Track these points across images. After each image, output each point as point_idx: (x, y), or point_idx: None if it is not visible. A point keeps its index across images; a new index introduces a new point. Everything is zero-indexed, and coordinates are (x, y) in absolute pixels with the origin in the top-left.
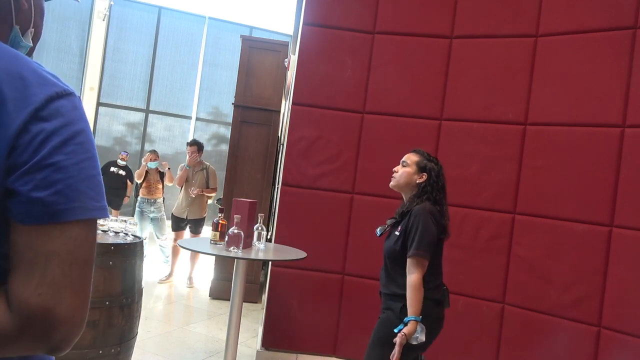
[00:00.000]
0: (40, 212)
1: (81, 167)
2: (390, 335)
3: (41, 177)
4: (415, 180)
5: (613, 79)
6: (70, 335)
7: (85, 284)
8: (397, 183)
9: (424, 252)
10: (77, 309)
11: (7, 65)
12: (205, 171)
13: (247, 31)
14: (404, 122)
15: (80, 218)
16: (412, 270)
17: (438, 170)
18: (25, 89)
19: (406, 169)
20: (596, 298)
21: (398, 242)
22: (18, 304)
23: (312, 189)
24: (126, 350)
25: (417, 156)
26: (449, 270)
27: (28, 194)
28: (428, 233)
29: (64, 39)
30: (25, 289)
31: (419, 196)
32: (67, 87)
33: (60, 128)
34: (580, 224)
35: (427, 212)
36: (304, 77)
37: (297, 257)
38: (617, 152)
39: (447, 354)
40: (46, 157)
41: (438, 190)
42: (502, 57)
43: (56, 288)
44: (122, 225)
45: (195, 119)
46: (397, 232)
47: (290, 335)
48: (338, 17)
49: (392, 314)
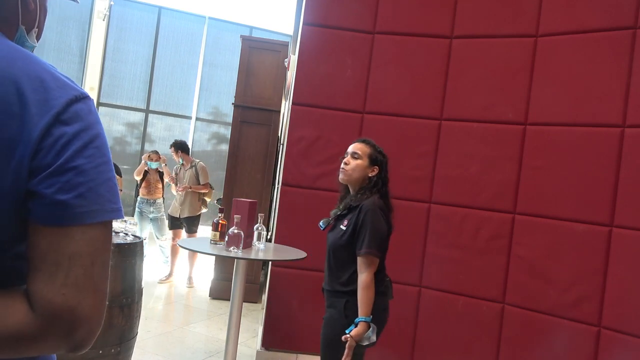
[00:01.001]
0: (64, 214)
1: (100, 170)
2: (336, 334)
3: (65, 180)
4: (368, 174)
5: (613, 79)
6: (91, 334)
7: (105, 283)
8: (350, 177)
9: (376, 250)
10: (98, 308)
11: (26, 68)
12: (194, 168)
13: (247, 31)
14: (404, 122)
15: (100, 220)
16: (363, 269)
17: (386, 162)
18: (46, 92)
19: (358, 162)
20: (596, 298)
21: (344, 236)
22: (42, 304)
23: (312, 189)
24: (126, 350)
25: (369, 148)
26: (449, 270)
27: (52, 196)
28: (379, 231)
29: (64, 39)
30: (49, 289)
31: (370, 190)
32: (83, 90)
33: (81, 132)
34: (580, 224)
35: (377, 208)
36: (304, 77)
37: (297, 257)
38: (617, 152)
39: (447, 354)
40: (69, 160)
41: (385, 184)
42: (502, 57)
43: (79, 288)
44: (122, 225)
45: (195, 119)
46: (343, 226)
47: (290, 335)
48: (338, 17)
49: (336, 312)
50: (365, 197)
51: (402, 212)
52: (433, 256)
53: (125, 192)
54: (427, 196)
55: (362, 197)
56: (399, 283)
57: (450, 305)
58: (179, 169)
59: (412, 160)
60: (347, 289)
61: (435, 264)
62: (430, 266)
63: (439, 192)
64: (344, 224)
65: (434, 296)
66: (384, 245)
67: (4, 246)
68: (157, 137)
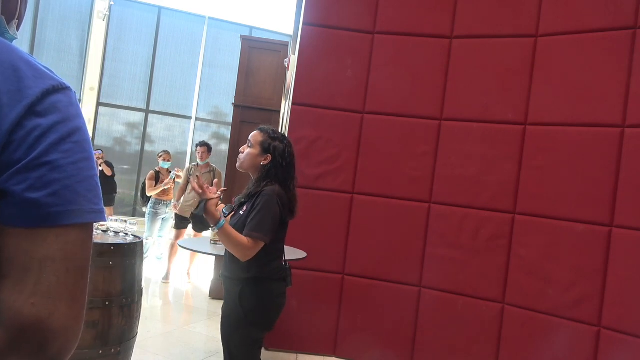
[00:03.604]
0: (35, 214)
1: (78, 167)
2: (235, 315)
3: (36, 176)
4: (260, 162)
5: (613, 79)
6: (66, 347)
7: (82, 292)
8: (241, 165)
9: (262, 234)
10: (74, 319)
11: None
12: (213, 173)
13: (247, 31)
14: (404, 122)
15: (77, 222)
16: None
17: (283, 148)
18: (19, 81)
19: (250, 151)
20: (596, 298)
21: (239, 223)
22: (9, 315)
23: (312, 189)
24: (126, 350)
25: (262, 135)
26: (449, 270)
27: (22, 194)
28: (271, 216)
29: (64, 39)
30: (17, 298)
31: (264, 179)
32: (63, 81)
33: (57, 124)
34: (580, 224)
35: (275, 195)
36: (304, 77)
37: (297, 257)
38: (617, 152)
39: (447, 354)
40: (42, 154)
41: (283, 171)
42: (502, 57)
43: (51, 297)
44: (122, 226)
45: (195, 119)
46: (242, 212)
47: (290, 335)
48: (338, 17)
49: (231, 303)
50: (264, 184)
51: (402, 212)
52: (433, 256)
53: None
54: (427, 196)
55: (260, 185)
56: (399, 283)
57: (450, 305)
58: (191, 169)
59: (412, 160)
60: (244, 275)
61: (435, 264)
62: (430, 266)
63: (439, 192)
64: (243, 209)
65: (434, 296)
66: (274, 230)
67: None
68: (157, 137)
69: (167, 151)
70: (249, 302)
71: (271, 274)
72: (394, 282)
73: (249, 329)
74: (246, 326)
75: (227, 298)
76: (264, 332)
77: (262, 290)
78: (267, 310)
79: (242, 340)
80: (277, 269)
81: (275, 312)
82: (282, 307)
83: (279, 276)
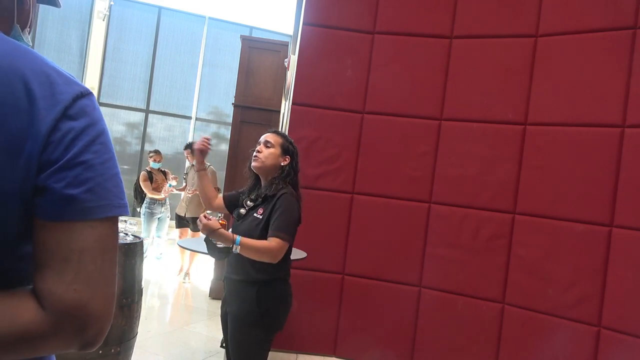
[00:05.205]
0: (73, 209)
1: (106, 166)
2: (251, 317)
3: (73, 174)
4: (280, 163)
5: (613, 79)
6: (102, 329)
7: (114, 278)
8: (264, 164)
9: (289, 236)
10: (109, 302)
11: (30, 63)
12: None
13: (247, 31)
14: (404, 122)
15: (109, 215)
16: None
17: (297, 153)
18: (52, 86)
19: (271, 150)
20: (596, 298)
21: (259, 226)
22: (52, 301)
23: (312, 189)
24: (126, 350)
25: (281, 138)
26: (449, 270)
27: (62, 190)
28: (293, 218)
29: (64, 39)
30: (60, 285)
31: (283, 179)
32: (87, 87)
33: (87, 127)
34: (580, 224)
35: (294, 197)
36: (304, 77)
37: (297, 257)
38: (617, 152)
39: (447, 354)
40: (77, 155)
41: (296, 174)
42: (502, 57)
43: (91, 284)
44: (122, 226)
45: (195, 119)
46: (259, 214)
47: (290, 335)
48: (338, 17)
49: (246, 305)
50: (280, 186)
51: (402, 212)
52: (433, 256)
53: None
54: (427, 196)
55: (277, 187)
56: (399, 283)
57: (450, 305)
58: (188, 170)
59: (412, 160)
60: (258, 276)
61: (435, 264)
62: (430, 266)
63: (439, 192)
64: (258, 212)
65: (434, 296)
66: (296, 232)
67: (9, 247)
68: (157, 137)
69: (158, 151)
70: (269, 303)
71: (285, 275)
72: (394, 282)
73: (265, 330)
74: (262, 327)
75: (236, 300)
76: (276, 332)
77: (280, 291)
78: (285, 311)
79: (256, 341)
80: (288, 270)
81: (288, 312)
82: (290, 307)
83: (288, 277)
